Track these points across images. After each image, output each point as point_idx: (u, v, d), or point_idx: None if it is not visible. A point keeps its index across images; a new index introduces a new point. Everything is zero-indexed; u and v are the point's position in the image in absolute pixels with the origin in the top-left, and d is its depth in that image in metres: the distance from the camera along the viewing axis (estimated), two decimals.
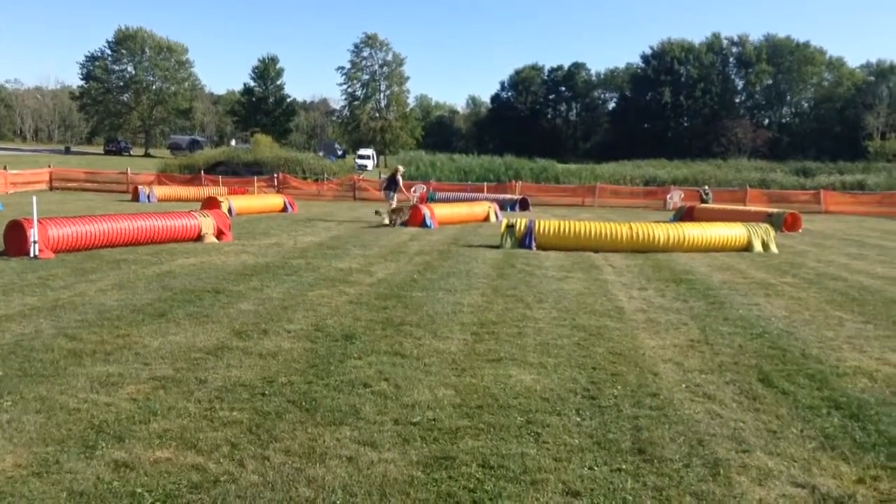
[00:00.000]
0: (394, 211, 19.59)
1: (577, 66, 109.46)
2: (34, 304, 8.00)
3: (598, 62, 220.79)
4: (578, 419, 4.91)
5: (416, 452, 4.24)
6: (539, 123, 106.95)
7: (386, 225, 19.14)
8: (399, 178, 21.80)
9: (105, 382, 5.33)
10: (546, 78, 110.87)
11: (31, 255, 11.25)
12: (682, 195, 33.11)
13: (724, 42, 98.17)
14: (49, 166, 36.40)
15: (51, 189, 33.06)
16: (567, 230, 14.83)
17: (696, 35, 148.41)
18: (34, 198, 12.30)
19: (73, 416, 4.63)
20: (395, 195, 21.56)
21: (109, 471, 3.87)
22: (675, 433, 4.69)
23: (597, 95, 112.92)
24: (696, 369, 6.20)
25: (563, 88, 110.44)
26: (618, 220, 17.38)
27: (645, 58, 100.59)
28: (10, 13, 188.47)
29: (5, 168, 31.28)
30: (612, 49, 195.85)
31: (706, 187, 32.03)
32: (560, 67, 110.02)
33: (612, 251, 14.34)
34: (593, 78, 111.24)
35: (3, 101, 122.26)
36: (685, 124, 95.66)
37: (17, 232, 11.61)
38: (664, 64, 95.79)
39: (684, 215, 22.92)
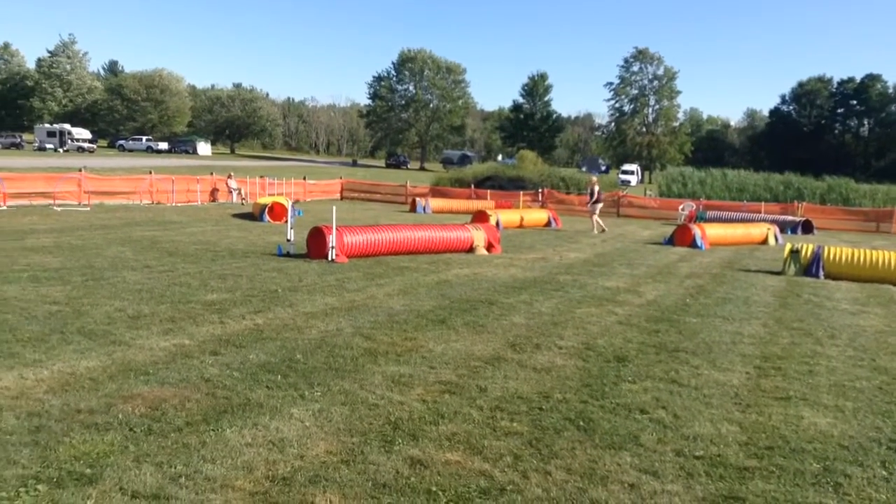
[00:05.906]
0: None
1: (872, 78, 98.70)
2: (334, 304, 8.93)
3: None
4: (885, 473, 4.41)
5: (701, 488, 4.07)
6: (824, 139, 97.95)
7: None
8: (595, 189, 23.05)
9: (398, 382, 5.80)
10: (834, 90, 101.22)
11: (329, 258, 12.56)
12: None
13: None
14: (340, 178, 40.49)
15: (341, 198, 36.67)
16: (862, 259, 13.36)
17: None
18: (334, 207, 13.73)
19: (372, 412, 5.08)
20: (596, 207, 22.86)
21: (406, 466, 4.19)
22: None
23: (895, 110, 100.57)
24: None
25: (854, 102, 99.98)
26: None
27: None
28: (310, 37, 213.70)
29: (305, 178, 35.37)
30: None
31: None
32: (851, 79, 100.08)
33: None
34: (890, 91, 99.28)
35: (301, 117, 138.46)
36: None
37: (318, 237, 13.05)
38: None
39: None
